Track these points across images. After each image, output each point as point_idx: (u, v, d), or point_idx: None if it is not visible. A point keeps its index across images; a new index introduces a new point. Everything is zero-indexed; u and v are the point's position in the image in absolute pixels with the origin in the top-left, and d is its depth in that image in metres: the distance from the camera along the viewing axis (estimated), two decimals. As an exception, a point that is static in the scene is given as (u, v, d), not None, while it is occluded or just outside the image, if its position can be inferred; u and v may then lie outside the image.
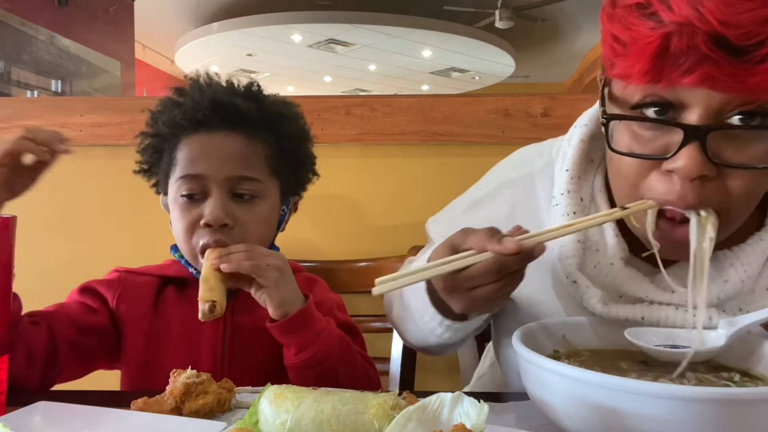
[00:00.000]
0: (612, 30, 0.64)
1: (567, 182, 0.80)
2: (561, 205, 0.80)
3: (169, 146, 1.00)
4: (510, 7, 7.46)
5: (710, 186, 0.65)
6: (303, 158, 1.07)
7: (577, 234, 0.78)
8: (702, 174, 0.63)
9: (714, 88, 0.60)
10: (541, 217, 0.84)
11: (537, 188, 0.87)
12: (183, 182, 0.97)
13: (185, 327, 0.99)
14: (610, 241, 0.77)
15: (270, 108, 1.02)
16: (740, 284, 0.73)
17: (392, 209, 1.53)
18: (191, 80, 1.02)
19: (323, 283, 1.11)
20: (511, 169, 0.93)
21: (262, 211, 0.99)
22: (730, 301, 0.74)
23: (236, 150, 0.98)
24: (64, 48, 5.10)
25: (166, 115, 1.00)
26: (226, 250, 0.89)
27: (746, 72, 0.58)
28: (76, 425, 0.67)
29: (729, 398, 0.55)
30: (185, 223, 0.96)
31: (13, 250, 0.74)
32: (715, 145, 0.63)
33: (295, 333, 0.89)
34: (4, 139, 0.84)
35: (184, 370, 0.74)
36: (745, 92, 0.59)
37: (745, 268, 0.73)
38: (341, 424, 0.61)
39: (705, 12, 0.57)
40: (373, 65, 9.66)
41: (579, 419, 0.60)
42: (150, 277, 1.03)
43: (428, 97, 1.60)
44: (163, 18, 7.70)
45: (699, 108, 0.62)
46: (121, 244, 1.55)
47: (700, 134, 0.62)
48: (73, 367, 0.96)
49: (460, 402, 0.58)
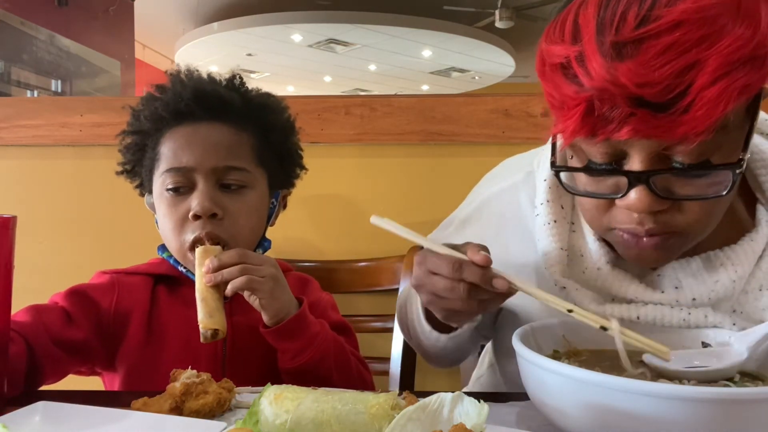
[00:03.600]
0: (546, 88, 0.66)
1: (546, 191, 0.82)
2: (542, 215, 0.82)
3: (152, 142, 0.99)
4: (510, 7, 7.46)
5: (667, 215, 0.67)
6: (289, 150, 1.06)
7: (560, 242, 0.80)
8: (653, 210, 0.66)
9: (648, 138, 0.61)
10: (528, 227, 0.86)
11: (521, 198, 0.88)
12: (168, 175, 0.95)
13: (183, 326, 0.97)
14: (592, 247, 0.80)
15: (254, 99, 1.02)
16: (731, 284, 0.74)
17: (392, 209, 1.53)
18: (171, 74, 1.01)
19: (315, 283, 1.10)
20: (494, 183, 0.94)
21: (251, 201, 0.98)
22: (722, 302, 0.75)
23: (221, 140, 0.96)
24: (64, 48, 5.10)
25: (148, 109, 0.98)
26: (217, 259, 0.87)
27: (672, 123, 0.59)
28: (76, 425, 0.67)
29: (729, 398, 0.55)
30: (173, 218, 0.95)
31: (13, 250, 0.74)
32: (662, 183, 0.65)
33: (289, 339, 0.88)
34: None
35: (184, 370, 0.74)
36: (676, 140, 0.60)
37: (736, 268, 0.74)
38: (341, 424, 0.61)
39: (620, 76, 0.58)
40: (373, 65, 9.66)
41: (579, 419, 0.60)
42: (142, 276, 1.01)
43: (428, 97, 1.60)
44: (163, 18, 7.70)
45: (638, 155, 0.64)
46: (121, 244, 1.55)
47: (643, 178, 0.64)
48: (53, 376, 0.93)
49: (460, 402, 0.58)
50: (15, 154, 1.57)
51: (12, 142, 1.56)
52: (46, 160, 1.58)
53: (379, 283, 1.43)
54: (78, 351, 0.94)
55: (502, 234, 0.87)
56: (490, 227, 0.89)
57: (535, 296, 0.68)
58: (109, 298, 0.98)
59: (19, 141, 1.56)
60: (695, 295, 0.75)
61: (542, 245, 0.82)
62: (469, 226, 0.93)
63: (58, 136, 1.55)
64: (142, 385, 0.96)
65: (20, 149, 1.57)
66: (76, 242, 1.58)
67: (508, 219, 0.88)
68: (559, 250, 0.80)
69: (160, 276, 1.01)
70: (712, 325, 0.75)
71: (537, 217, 0.83)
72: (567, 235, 0.82)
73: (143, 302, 0.99)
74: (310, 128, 1.52)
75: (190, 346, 0.96)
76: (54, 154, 1.58)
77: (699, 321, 0.75)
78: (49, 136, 1.55)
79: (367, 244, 1.52)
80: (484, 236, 0.77)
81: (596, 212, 0.72)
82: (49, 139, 1.55)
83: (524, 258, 0.85)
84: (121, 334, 0.98)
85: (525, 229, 0.86)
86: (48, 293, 0.98)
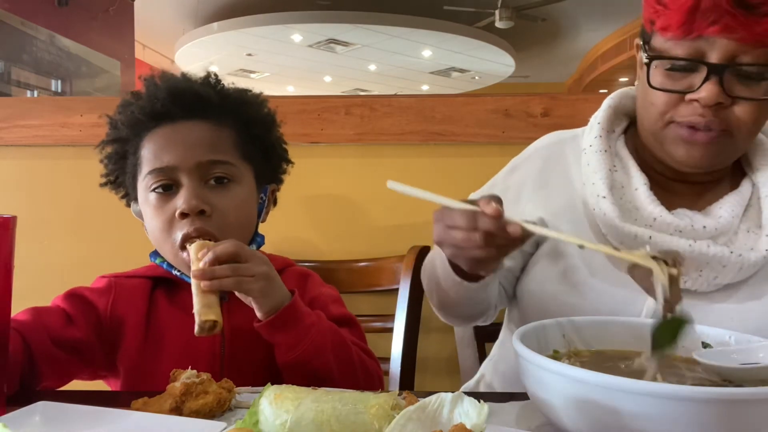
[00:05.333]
0: None
1: (599, 130, 0.97)
2: (595, 145, 0.96)
3: (132, 147, 0.98)
4: (510, 7, 7.47)
5: (724, 112, 0.85)
6: (273, 144, 1.05)
7: (609, 164, 0.95)
8: (718, 102, 0.83)
9: (731, 36, 0.80)
10: (569, 174, 1.00)
11: (566, 150, 1.03)
12: (151, 177, 0.94)
13: (182, 327, 0.96)
14: (634, 173, 0.94)
15: (231, 94, 1.01)
16: (730, 220, 0.90)
17: (392, 209, 1.53)
18: (145, 79, 1.00)
19: (317, 277, 1.09)
20: (543, 141, 1.09)
21: (238, 196, 0.97)
22: (721, 236, 0.90)
23: (202, 136, 0.95)
24: (64, 48, 5.10)
25: (124, 115, 0.98)
26: (212, 252, 0.85)
27: (756, 23, 0.79)
28: (76, 425, 0.67)
29: (729, 398, 0.55)
30: (161, 219, 0.93)
31: (13, 250, 0.74)
32: (729, 82, 0.83)
33: (282, 331, 0.87)
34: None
35: (184, 370, 0.74)
36: (755, 39, 0.80)
37: (732, 208, 0.91)
38: (341, 424, 0.61)
39: None
40: (373, 65, 9.67)
41: (579, 419, 0.60)
42: (141, 279, 1.01)
43: (428, 97, 1.60)
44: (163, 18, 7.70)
45: (717, 53, 0.82)
46: (121, 244, 1.55)
47: (719, 70, 0.82)
48: (52, 378, 0.92)
49: (460, 402, 0.58)
50: (15, 154, 1.57)
51: (12, 142, 1.56)
52: (46, 160, 1.58)
53: (379, 283, 1.43)
54: (78, 351, 0.93)
55: (545, 174, 1.02)
56: (534, 170, 1.03)
57: (547, 235, 0.78)
58: (106, 300, 0.97)
59: (19, 141, 1.56)
60: (705, 223, 0.89)
61: (591, 169, 0.95)
62: (516, 171, 1.06)
63: (58, 136, 1.55)
64: (141, 387, 0.95)
65: (20, 149, 1.57)
66: (76, 242, 1.58)
67: (552, 162, 1.03)
68: (608, 171, 0.94)
69: (159, 279, 1.01)
70: (713, 254, 0.86)
71: (590, 148, 0.96)
72: (612, 165, 0.96)
73: (140, 305, 0.98)
74: (310, 128, 1.52)
75: (188, 348, 0.96)
76: (54, 154, 1.57)
77: (702, 249, 0.87)
78: (49, 136, 1.55)
79: (367, 244, 1.52)
80: (528, 177, 1.02)
81: (664, 107, 0.87)
82: (49, 139, 1.55)
83: (562, 195, 0.99)
84: (119, 336, 0.97)
85: (566, 175, 1.00)
86: (48, 294, 0.98)
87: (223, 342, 0.97)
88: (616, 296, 0.91)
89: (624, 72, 8.63)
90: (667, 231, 0.89)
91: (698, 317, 0.82)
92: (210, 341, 0.97)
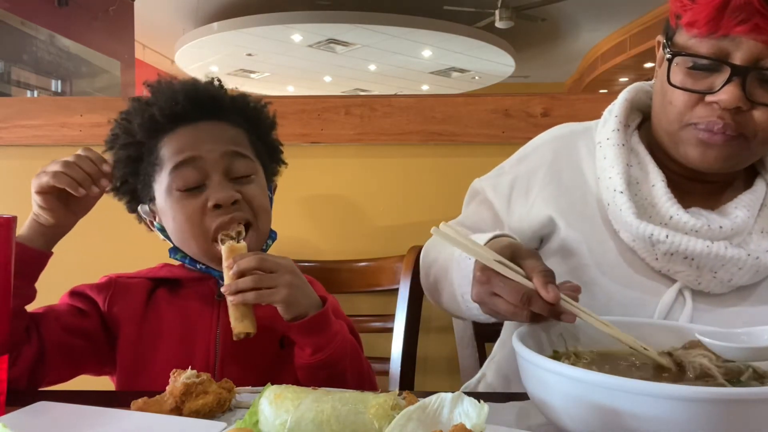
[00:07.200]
0: None
1: (616, 124, 0.95)
2: (612, 139, 0.94)
3: (147, 150, 0.99)
4: (510, 7, 7.46)
5: (742, 117, 0.83)
6: (273, 144, 1.10)
7: (627, 159, 0.93)
8: (737, 106, 0.81)
9: (758, 37, 0.78)
10: (582, 168, 0.98)
11: (578, 143, 1.01)
12: (177, 173, 0.95)
13: (178, 327, 0.99)
14: (651, 169, 0.92)
15: (237, 97, 1.05)
16: (746, 219, 0.89)
17: (392, 209, 1.53)
18: (151, 85, 1.02)
19: (319, 285, 1.10)
20: (554, 132, 1.07)
21: (260, 187, 1.01)
22: (736, 236, 0.88)
23: (224, 132, 1.00)
24: (64, 48, 5.10)
25: (140, 118, 0.99)
26: (237, 266, 0.87)
27: None
28: (76, 425, 0.67)
29: (729, 398, 0.55)
30: (187, 212, 0.95)
31: (13, 250, 0.74)
32: (751, 86, 0.81)
33: (313, 334, 0.89)
34: (49, 169, 0.89)
35: (184, 371, 0.74)
36: None
37: (747, 208, 0.90)
38: (341, 424, 0.61)
39: None
40: (373, 65, 9.66)
41: (579, 419, 0.60)
42: (141, 279, 1.03)
43: (428, 97, 1.60)
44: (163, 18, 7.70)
45: (744, 53, 0.80)
46: (121, 244, 1.55)
47: (742, 72, 0.80)
48: (61, 368, 0.95)
49: (460, 402, 0.58)
50: (15, 154, 1.57)
51: (12, 142, 1.56)
52: (46, 160, 1.56)
53: (379, 283, 1.43)
54: (87, 337, 0.97)
55: (556, 167, 1.00)
56: (545, 161, 1.01)
57: (601, 329, 0.72)
58: (104, 296, 1.00)
59: (19, 141, 1.56)
60: (722, 223, 0.88)
61: (609, 163, 0.93)
62: (526, 161, 1.04)
63: (58, 136, 1.55)
64: (135, 383, 0.97)
65: (20, 149, 1.57)
66: (76, 242, 1.57)
67: (564, 156, 1.01)
68: (625, 166, 0.92)
69: (160, 280, 1.03)
70: (729, 256, 0.85)
71: (607, 141, 0.95)
72: (628, 160, 0.94)
73: (137, 303, 1.00)
74: (310, 128, 1.52)
75: (185, 347, 0.98)
76: (54, 154, 1.56)
77: (720, 251, 0.85)
78: (49, 136, 1.55)
79: (367, 244, 1.52)
80: (538, 169, 0.99)
81: (683, 107, 0.85)
82: (49, 139, 1.55)
83: (574, 190, 0.97)
84: (115, 332, 1.00)
85: (579, 169, 0.98)
86: (49, 293, 0.99)
87: (216, 345, 0.99)
88: (628, 297, 0.89)
89: (624, 72, 8.64)
90: (683, 230, 0.87)
91: (710, 319, 0.84)
92: (205, 342, 0.98)
